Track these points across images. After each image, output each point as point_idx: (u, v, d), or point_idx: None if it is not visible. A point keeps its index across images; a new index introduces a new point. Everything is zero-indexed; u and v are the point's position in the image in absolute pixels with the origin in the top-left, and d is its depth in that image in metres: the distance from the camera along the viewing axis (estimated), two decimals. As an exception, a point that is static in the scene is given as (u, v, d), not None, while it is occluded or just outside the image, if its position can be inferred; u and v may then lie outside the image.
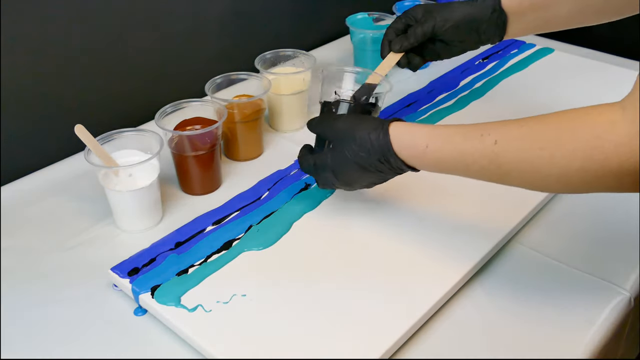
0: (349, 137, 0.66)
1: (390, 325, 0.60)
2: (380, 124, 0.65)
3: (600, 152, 0.52)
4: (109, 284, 0.68)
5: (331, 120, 0.69)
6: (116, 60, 0.92)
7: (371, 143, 0.65)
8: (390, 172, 0.66)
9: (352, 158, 0.66)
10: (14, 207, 0.79)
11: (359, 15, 1.05)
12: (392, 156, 0.64)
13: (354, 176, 0.68)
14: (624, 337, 0.70)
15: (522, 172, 0.57)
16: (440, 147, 0.62)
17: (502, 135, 0.58)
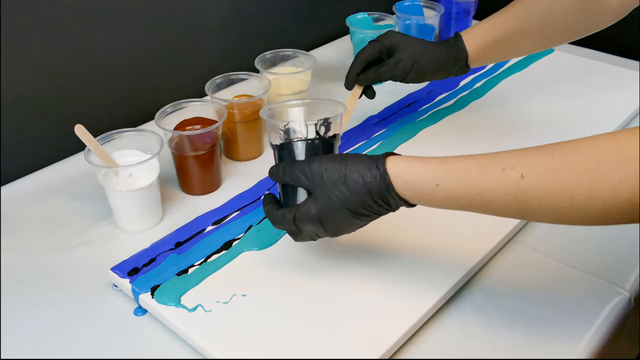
0: (337, 181, 0.58)
1: (390, 325, 0.60)
2: (372, 163, 0.58)
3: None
4: (109, 284, 0.68)
5: (305, 166, 0.60)
6: (116, 60, 0.92)
7: (366, 186, 0.57)
8: (387, 212, 0.60)
9: (342, 204, 0.58)
10: (14, 207, 0.79)
11: (359, 15, 1.05)
12: (393, 198, 0.57)
13: (345, 223, 0.60)
14: (624, 337, 0.70)
15: (556, 209, 0.51)
16: (454, 186, 0.55)
17: (530, 168, 0.51)
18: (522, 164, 0.52)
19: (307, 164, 0.60)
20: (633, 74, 1.05)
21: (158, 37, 0.96)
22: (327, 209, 0.59)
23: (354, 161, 0.59)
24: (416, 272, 0.67)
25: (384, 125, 0.93)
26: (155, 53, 0.96)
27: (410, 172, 0.57)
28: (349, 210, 0.58)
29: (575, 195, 0.50)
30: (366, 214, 0.59)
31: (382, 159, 0.58)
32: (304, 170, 0.60)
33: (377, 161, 0.58)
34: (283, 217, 0.61)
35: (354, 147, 0.87)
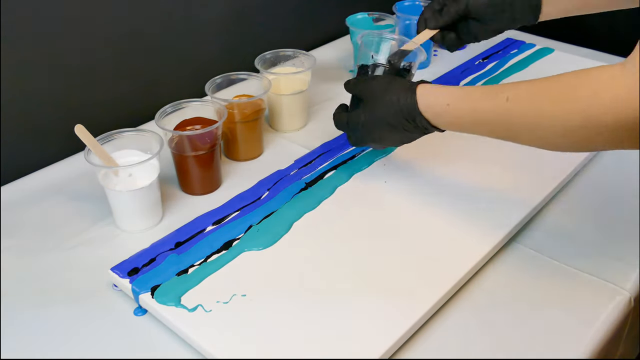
0: (381, 97, 0.71)
1: (390, 325, 0.60)
2: (409, 86, 0.70)
3: (597, 107, 0.54)
4: (109, 284, 0.68)
5: (366, 81, 0.74)
6: (116, 60, 0.92)
7: (400, 103, 0.69)
8: (416, 131, 0.71)
9: (382, 116, 0.71)
10: (14, 207, 0.79)
11: (359, 15, 1.05)
12: (418, 115, 0.69)
13: (384, 134, 0.73)
14: (624, 337, 0.70)
15: (530, 128, 0.60)
16: (459, 106, 0.66)
17: (514, 92, 0.61)
18: (510, 89, 0.62)
19: (367, 80, 0.75)
20: (633, 74, 1.05)
21: (158, 37, 0.96)
22: (371, 118, 0.73)
23: (397, 83, 0.71)
24: (416, 272, 0.67)
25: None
26: (155, 53, 0.96)
27: (431, 93, 0.69)
28: (387, 123, 0.71)
29: (542, 116, 0.58)
30: (399, 129, 0.71)
31: (416, 84, 0.70)
32: (365, 85, 0.74)
33: (412, 85, 0.70)
34: (341, 119, 0.77)
35: (353, 147, 0.87)
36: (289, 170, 0.83)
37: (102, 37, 0.89)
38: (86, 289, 0.67)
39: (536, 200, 0.77)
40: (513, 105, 0.61)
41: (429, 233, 0.72)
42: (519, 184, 0.80)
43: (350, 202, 0.77)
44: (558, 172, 0.82)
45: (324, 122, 0.96)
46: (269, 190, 0.79)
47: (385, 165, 0.84)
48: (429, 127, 0.70)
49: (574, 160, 0.84)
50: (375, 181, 0.81)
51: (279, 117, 0.93)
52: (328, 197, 0.78)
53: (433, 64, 1.14)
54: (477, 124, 0.66)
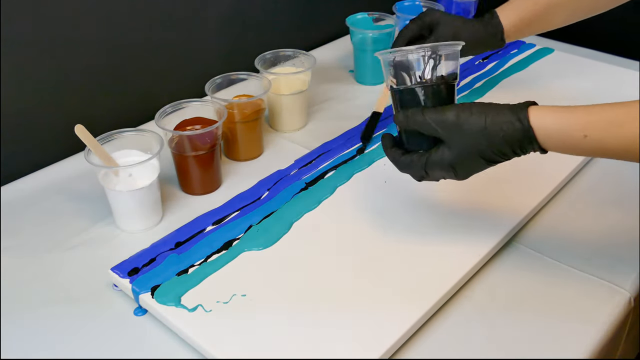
0: (476, 133, 0.60)
1: (390, 325, 0.60)
2: (514, 115, 0.59)
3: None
4: (109, 284, 0.68)
5: (439, 115, 0.61)
6: (116, 60, 0.92)
7: (507, 136, 0.59)
8: (513, 157, 0.62)
9: (479, 154, 0.61)
10: (14, 207, 0.79)
11: (359, 15, 1.05)
12: (534, 148, 0.60)
13: (477, 169, 0.63)
14: (624, 337, 0.70)
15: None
16: (603, 137, 0.57)
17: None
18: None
19: (442, 113, 0.62)
20: (633, 74, 1.05)
21: (158, 37, 0.96)
22: (463, 157, 0.61)
23: (494, 113, 0.60)
24: (416, 271, 0.67)
25: (384, 125, 0.93)
26: (155, 53, 0.96)
27: (555, 122, 0.59)
28: (484, 159, 0.61)
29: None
30: (500, 160, 0.62)
31: (524, 110, 0.59)
32: (439, 120, 0.61)
33: (519, 113, 0.59)
34: (412, 163, 0.64)
35: (353, 147, 0.87)
36: (289, 170, 0.83)
37: (102, 37, 0.88)
38: (86, 289, 0.67)
39: (536, 200, 0.77)
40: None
41: (428, 233, 0.72)
42: (519, 184, 0.80)
43: (350, 202, 0.77)
44: (557, 172, 0.82)
45: (324, 122, 0.96)
46: (269, 190, 0.79)
47: (385, 165, 0.84)
48: (541, 152, 0.61)
49: (573, 161, 0.84)
50: (375, 181, 0.81)
51: (279, 117, 0.93)
52: (328, 197, 0.78)
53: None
54: (629, 155, 0.57)
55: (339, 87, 1.07)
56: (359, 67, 1.07)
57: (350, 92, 1.05)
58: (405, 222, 0.74)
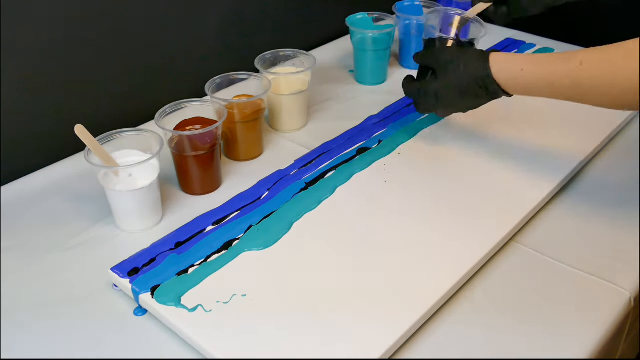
0: (454, 64, 0.77)
1: (390, 325, 0.60)
2: (481, 53, 0.76)
3: None
4: (109, 284, 0.68)
5: (438, 51, 0.81)
6: (116, 60, 0.92)
7: (472, 69, 0.76)
8: (485, 97, 0.77)
9: (454, 83, 0.77)
10: (14, 207, 0.79)
11: (359, 15, 1.05)
12: (490, 81, 0.75)
13: (454, 100, 0.79)
14: (623, 337, 0.70)
15: (603, 89, 0.67)
16: (534, 70, 0.72)
17: (587, 56, 0.68)
18: (582, 54, 0.68)
19: (439, 51, 0.82)
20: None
21: (158, 37, 0.96)
22: (443, 84, 0.79)
23: (469, 52, 0.78)
24: (416, 272, 0.67)
25: (384, 125, 0.93)
26: (155, 53, 0.96)
27: (504, 59, 0.75)
28: (458, 89, 0.77)
29: (622, 73, 0.65)
30: (470, 95, 0.77)
31: (488, 52, 0.76)
32: (436, 56, 0.81)
33: (484, 53, 0.76)
34: (411, 87, 0.84)
35: (353, 147, 0.87)
36: (289, 170, 0.83)
37: (102, 37, 0.88)
38: (86, 289, 0.67)
39: (536, 200, 0.77)
40: (587, 67, 0.67)
41: (428, 233, 0.72)
42: (519, 184, 0.80)
43: (350, 202, 0.77)
44: (557, 172, 0.82)
45: (324, 122, 0.96)
46: (269, 190, 0.79)
47: (385, 165, 0.84)
48: (499, 92, 0.76)
49: (572, 161, 0.84)
50: (375, 181, 0.81)
51: (279, 117, 0.93)
52: (328, 197, 0.78)
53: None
54: (550, 88, 0.71)
55: (339, 87, 1.07)
56: (359, 67, 1.07)
57: (350, 92, 1.05)
58: (405, 222, 0.74)
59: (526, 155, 0.85)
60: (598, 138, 0.88)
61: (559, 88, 0.71)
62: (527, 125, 0.93)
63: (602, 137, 0.89)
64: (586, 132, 0.89)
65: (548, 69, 0.71)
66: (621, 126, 0.93)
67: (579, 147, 0.86)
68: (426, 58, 0.83)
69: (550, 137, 0.89)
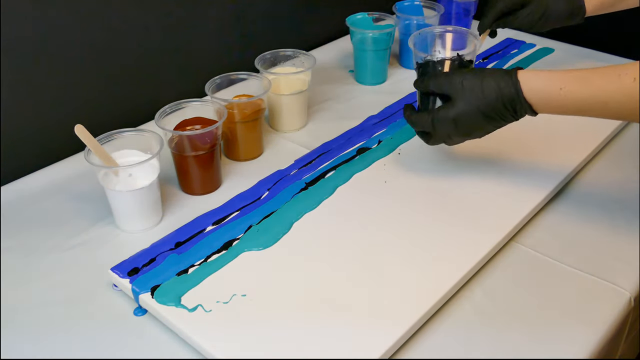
0: (476, 86, 0.70)
1: (390, 325, 0.60)
2: (506, 72, 0.70)
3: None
4: (109, 284, 0.68)
5: (450, 75, 0.72)
6: (116, 60, 0.92)
7: (500, 90, 0.69)
8: (510, 119, 0.71)
9: (477, 107, 0.70)
10: (14, 207, 0.79)
11: (359, 15, 1.05)
12: (520, 101, 0.69)
13: (476, 125, 0.72)
14: (623, 337, 0.70)
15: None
16: (577, 89, 0.66)
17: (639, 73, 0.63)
18: (631, 70, 0.63)
19: (451, 74, 0.73)
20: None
21: (158, 37, 0.96)
22: (463, 110, 0.71)
23: (490, 72, 0.71)
24: (416, 271, 0.67)
25: (384, 125, 0.93)
26: (155, 53, 0.96)
27: (537, 78, 0.68)
28: (482, 113, 0.70)
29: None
30: (495, 118, 0.71)
31: (514, 70, 0.70)
32: (448, 79, 0.72)
33: (510, 72, 0.70)
34: (422, 118, 0.74)
35: (353, 147, 0.87)
36: (289, 170, 0.83)
37: (102, 37, 0.89)
38: (86, 289, 0.67)
39: (535, 200, 0.77)
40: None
41: (428, 233, 0.72)
42: (518, 184, 0.80)
43: (350, 202, 0.77)
44: (556, 172, 0.82)
45: (324, 122, 0.96)
46: (269, 190, 0.79)
47: (385, 165, 0.84)
48: (529, 113, 0.70)
49: (572, 161, 0.84)
50: (375, 181, 0.81)
51: (279, 117, 0.93)
52: (328, 197, 0.78)
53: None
54: (598, 106, 0.66)
55: (339, 87, 1.07)
56: (359, 67, 1.07)
57: (350, 92, 1.05)
58: (406, 222, 0.74)
59: (526, 155, 0.85)
60: (598, 138, 0.89)
61: (612, 108, 0.65)
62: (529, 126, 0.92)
63: (602, 138, 0.89)
64: (586, 132, 0.89)
65: (595, 88, 0.65)
66: (621, 126, 0.93)
67: (578, 147, 0.86)
68: (433, 83, 0.74)
69: (552, 138, 0.89)
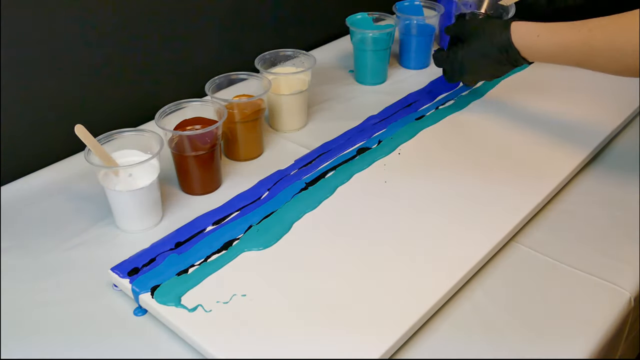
0: (480, 32, 0.86)
1: (390, 325, 0.60)
2: (504, 22, 0.84)
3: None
4: (109, 284, 0.68)
5: (465, 22, 0.90)
6: (116, 60, 0.92)
7: (495, 36, 0.84)
8: (507, 64, 0.85)
9: (478, 49, 0.86)
10: (14, 207, 0.79)
11: (359, 15, 1.05)
12: (511, 47, 0.82)
13: (478, 66, 0.88)
14: (623, 337, 0.70)
15: (610, 53, 0.74)
16: (548, 37, 0.79)
17: (596, 24, 0.75)
18: (591, 22, 0.75)
19: (465, 22, 0.90)
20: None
21: (158, 37, 0.96)
22: (469, 51, 0.88)
23: (494, 22, 0.86)
24: (416, 271, 0.67)
25: (384, 125, 0.93)
26: (155, 53, 0.96)
27: (524, 27, 0.82)
28: (481, 54, 0.86)
29: (626, 38, 0.72)
30: (493, 59, 0.85)
31: (510, 20, 0.84)
32: (465, 26, 0.90)
33: (507, 21, 0.84)
34: (441, 55, 0.94)
35: (354, 147, 0.87)
36: (289, 170, 0.83)
37: (102, 37, 0.89)
38: (86, 289, 0.67)
39: (536, 200, 0.77)
40: (594, 34, 0.74)
41: (428, 233, 0.72)
42: (518, 184, 0.80)
43: (350, 202, 0.77)
44: (557, 172, 0.82)
45: (324, 122, 0.96)
46: (269, 190, 0.79)
47: (385, 165, 0.84)
48: (519, 59, 0.83)
49: (572, 161, 0.84)
50: (375, 181, 0.81)
51: (279, 117, 0.93)
52: (328, 197, 0.78)
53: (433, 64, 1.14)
54: (562, 53, 0.78)
55: (339, 87, 1.07)
56: (359, 67, 1.07)
57: (350, 92, 1.05)
58: (406, 222, 0.74)
59: (525, 156, 0.85)
60: (598, 138, 0.88)
61: (572, 54, 0.77)
62: (528, 125, 0.92)
63: (602, 138, 0.89)
64: (587, 132, 0.89)
65: (560, 36, 0.77)
66: (619, 128, 0.93)
67: (578, 147, 0.86)
68: (455, 29, 0.91)
69: (551, 138, 0.89)
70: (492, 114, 0.95)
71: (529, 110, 0.95)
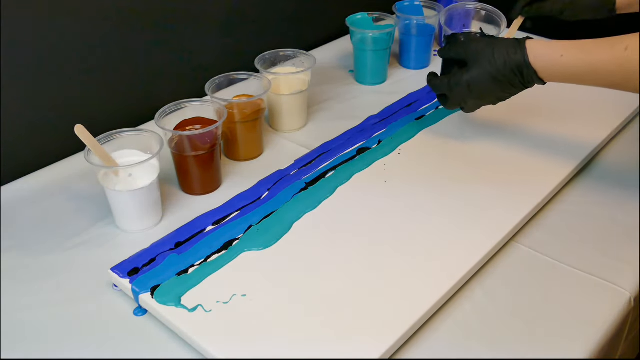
0: (488, 52, 0.76)
1: (390, 325, 0.60)
2: (516, 41, 0.76)
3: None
4: (109, 284, 0.68)
5: (467, 43, 0.80)
6: (116, 60, 0.92)
7: (508, 56, 0.75)
8: (519, 85, 0.77)
9: (488, 71, 0.76)
10: (14, 207, 0.79)
11: (359, 15, 1.05)
12: (527, 67, 0.74)
13: (488, 89, 0.78)
14: (623, 337, 0.70)
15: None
16: (575, 56, 0.72)
17: (631, 42, 0.68)
18: (625, 40, 0.68)
19: (467, 42, 0.80)
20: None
21: (158, 37, 0.96)
22: (476, 74, 0.77)
23: (501, 40, 0.77)
24: (416, 272, 0.67)
25: (384, 125, 0.93)
26: (155, 53, 0.96)
27: (542, 46, 0.74)
28: (492, 77, 0.76)
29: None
30: (504, 82, 0.77)
31: (523, 39, 0.76)
32: (466, 46, 0.79)
33: (520, 40, 0.76)
34: (441, 81, 0.82)
35: (353, 147, 0.87)
36: (289, 170, 0.83)
37: (102, 37, 0.88)
38: (86, 289, 0.67)
39: (536, 200, 0.77)
40: (631, 54, 0.67)
41: (428, 234, 0.72)
42: (518, 184, 0.80)
43: (350, 202, 0.77)
44: (557, 172, 0.82)
45: (324, 122, 0.96)
46: (269, 190, 0.79)
47: (385, 165, 0.84)
48: (535, 80, 0.75)
49: (572, 161, 0.84)
50: (375, 181, 0.81)
51: (279, 117, 0.93)
52: (328, 197, 0.78)
53: (433, 64, 1.14)
54: (593, 74, 0.71)
55: (339, 87, 1.07)
56: (359, 67, 1.07)
57: (350, 92, 1.05)
58: (405, 222, 0.74)
59: (526, 156, 0.85)
60: (598, 139, 0.89)
61: (604, 75, 0.70)
62: (529, 126, 0.92)
63: (602, 138, 0.89)
64: (586, 133, 0.89)
65: (590, 56, 0.70)
66: (621, 127, 0.93)
67: (578, 148, 0.86)
68: (453, 50, 0.81)
69: (549, 139, 0.89)
70: (493, 113, 0.95)
71: (530, 111, 0.95)
